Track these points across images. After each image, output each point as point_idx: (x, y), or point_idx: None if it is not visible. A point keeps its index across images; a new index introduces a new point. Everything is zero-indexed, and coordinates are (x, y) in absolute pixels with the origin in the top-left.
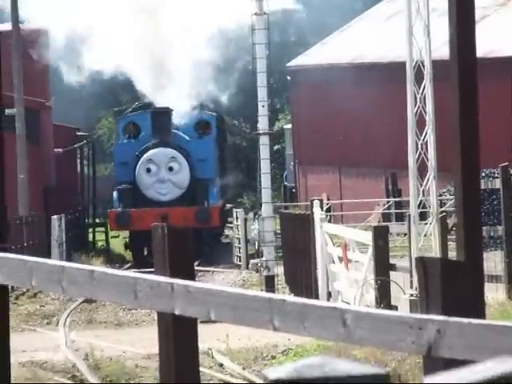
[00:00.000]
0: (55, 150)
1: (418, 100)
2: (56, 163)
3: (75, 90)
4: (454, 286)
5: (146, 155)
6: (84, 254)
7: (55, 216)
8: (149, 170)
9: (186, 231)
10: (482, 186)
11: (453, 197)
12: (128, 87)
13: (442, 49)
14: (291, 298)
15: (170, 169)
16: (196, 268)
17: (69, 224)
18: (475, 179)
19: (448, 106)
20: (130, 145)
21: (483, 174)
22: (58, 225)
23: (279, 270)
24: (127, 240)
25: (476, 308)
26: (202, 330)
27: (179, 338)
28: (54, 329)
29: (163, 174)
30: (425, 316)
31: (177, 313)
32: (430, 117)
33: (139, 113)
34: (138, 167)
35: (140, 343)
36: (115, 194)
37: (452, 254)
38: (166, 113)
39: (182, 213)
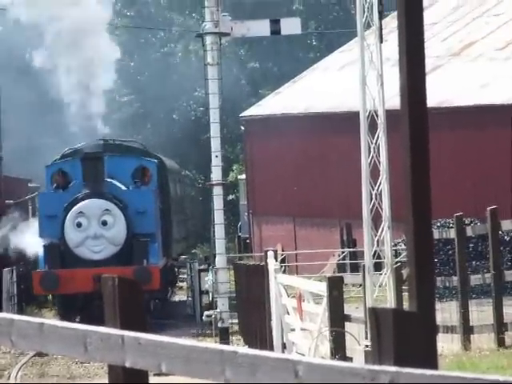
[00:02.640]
0: (6, 201)
1: (372, 150)
2: (8, 215)
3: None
4: (406, 337)
5: (75, 207)
6: (36, 307)
7: (6, 269)
8: (79, 225)
9: (138, 282)
10: (437, 236)
11: None
12: None
13: (395, 98)
14: (243, 349)
15: (104, 223)
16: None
17: (20, 276)
18: (427, 229)
19: (402, 156)
20: (58, 196)
21: (438, 224)
22: (9, 277)
23: (234, 322)
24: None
25: (429, 358)
26: (155, 381)
27: None
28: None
29: (95, 228)
30: (377, 367)
31: (127, 365)
32: (383, 166)
33: (69, 159)
34: (66, 221)
35: None
36: (41, 251)
37: (407, 305)
38: (99, 158)
39: (118, 273)
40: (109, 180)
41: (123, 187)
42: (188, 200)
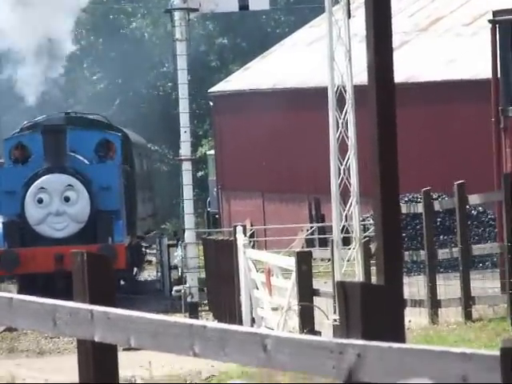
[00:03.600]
0: None
1: (340, 125)
2: None
3: None
4: (373, 310)
5: (36, 183)
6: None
7: None
8: (40, 201)
9: (107, 256)
10: (405, 211)
11: None
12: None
13: (363, 74)
14: (212, 323)
15: (66, 199)
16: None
17: None
18: (395, 204)
19: (370, 131)
20: (17, 170)
21: (406, 199)
22: None
23: (203, 296)
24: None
25: (396, 332)
26: (126, 356)
27: (99, 366)
28: None
29: (57, 205)
30: (345, 340)
31: (96, 340)
32: (352, 142)
33: (28, 132)
34: (26, 197)
35: (62, 371)
36: None
37: (375, 279)
38: (61, 132)
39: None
40: (71, 154)
41: (86, 161)
42: (156, 176)
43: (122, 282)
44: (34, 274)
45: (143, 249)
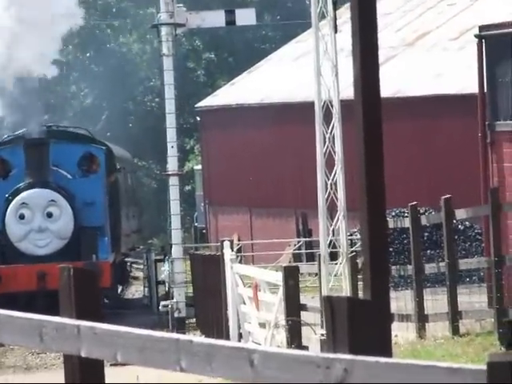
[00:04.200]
0: None
1: (327, 140)
2: None
3: None
4: (360, 325)
5: (17, 198)
6: None
7: None
8: (22, 217)
9: (93, 272)
10: (392, 226)
11: None
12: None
13: (350, 89)
14: (199, 338)
15: (49, 215)
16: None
17: None
18: (382, 218)
19: (356, 146)
20: None
21: (393, 214)
22: None
23: (190, 312)
24: None
25: (383, 347)
26: (113, 372)
27: (86, 381)
28: None
29: (40, 221)
30: (332, 355)
31: (83, 355)
32: (338, 156)
33: (9, 146)
34: (7, 213)
35: None
36: None
37: (362, 294)
38: (43, 145)
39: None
40: (54, 168)
41: (69, 176)
42: (141, 191)
43: (106, 301)
44: (15, 292)
45: (128, 266)
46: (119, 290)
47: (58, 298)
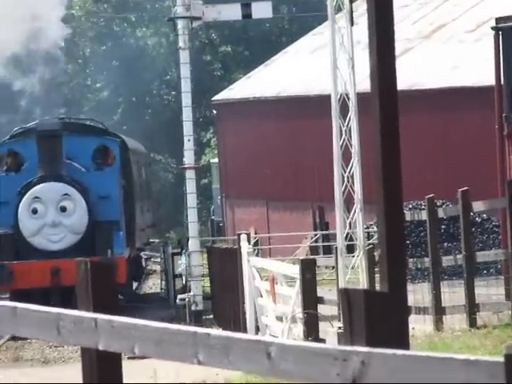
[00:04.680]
0: None
1: (344, 133)
2: None
3: None
4: (377, 318)
5: (30, 192)
6: None
7: None
8: (35, 211)
9: (110, 265)
10: (409, 218)
11: None
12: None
13: (366, 81)
14: (216, 331)
15: (63, 209)
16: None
17: None
18: (398, 211)
19: (373, 139)
20: (10, 179)
21: (410, 206)
22: None
23: (207, 305)
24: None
25: (400, 339)
26: (130, 364)
27: (103, 374)
28: None
29: (53, 215)
30: (349, 348)
31: (101, 348)
32: (355, 149)
33: (21, 138)
34: (20, 207)
35: (67, 380)
36: None
37: (379, 287)
38: (56, 137)
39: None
40: (67, 161)
41: (83, 169)
42: (158, 184)
43: (121, 297)
44: (29, 289)
45: (143, 261)
46: (134, 286)
47: (72, 294)
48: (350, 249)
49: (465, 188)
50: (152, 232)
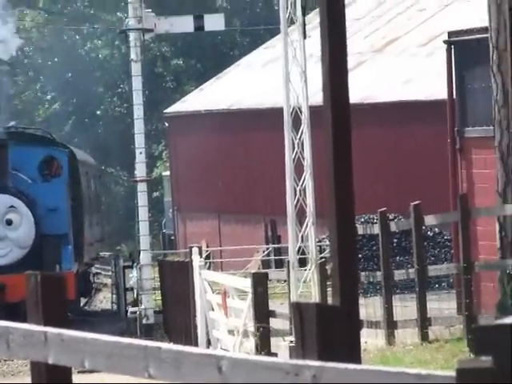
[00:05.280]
0: None
1: (296, 146)
2: None
3: None
4: (329, 331)
5: None
6: None
7: None
8: None
9: (60, 278)
10: (361, 232)
11: None
12: None
13: (319, 95)
14: (167, 345)
15: (9, 222)
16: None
17: None
18: (350, 224)
19: (325, 152)
20: None
21: (362, 220)
22: None
23: (159, 319)
24: None
25: (352, 353)
26: (80, 379)
27: None
28: None
29: None
30: (301, 362)
31: (50, 362)
32: (307, 162)
33: None
34: None
35: None
36: None
37: (331, 300)
38: (1, 147)
39: (25, 282)
40: (13, 172)
41: (30, 180)
42: (108, 197)
43: (69, 314)
44: None
45: (92, 276)
46: (82, 303)
47: (18, 311)
48: (302, 262)
49: (417, 202)
50: (101, 246)
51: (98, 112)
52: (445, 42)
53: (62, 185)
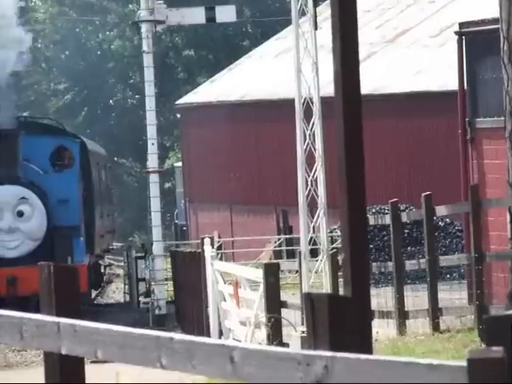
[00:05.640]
0: None
1: (308, 137)
2: None
3: None
4: (341, 322)
5: None
6: None
7: None
8: None
9: (73, 269)
10: (372, 222)
11: None
12: None
13: (330, 86)
14: (179, 335)
15: (20, 214)
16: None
17: None
18: (362, 215)
19: (337, 142)
20: None
21: (373, 210)
22: None
23: (171, 309)
24: None
25: (364, 343)
26: (93, 369)
27: (66, 378)
28: None
29: (10, 220)
30: (312, 352)
31: (63, 352)
32: (319, 153)
33: None
34: None
35: None
36: None
37: (343, 291)
38: (13, 137)
39: (37, 274)
40: (25, 162)
41: (41, 171)
42: (120, 188)
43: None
44: None
45: (103, 268)
46: (93, 295)
47: (28, 305)
48: (314, 253)
49: (428, 192)
50: (112, 238)
51: (111, 102)
52: (456, 33)
53: (74, 176)
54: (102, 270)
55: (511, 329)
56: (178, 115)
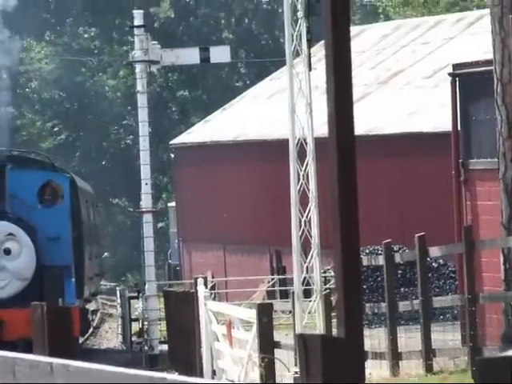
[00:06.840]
0: None
1: (301, 177)
2: None
3: None
4: (334, 363)
5: None
6: None
7: None
8: None
9: (66, 310)
10: (366, 263)
11: None
12: None
13: (324, 126)
14: (172, 376)
15: (7, 251)
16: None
17: None
18: (355, 256)
19: (330, 183)
20: None
21: (367, 251)
22: None
23: (164, 349)
24: None
25: None
26: None
27: None
28: None
29: None
30: None
31: None
32: (312, 194)
33: None
34: None
35: None
36: None
37: (336, 332)
38: (0, 171)
39: (25, 317)
40: (12, 197)
41: (29, 207)
42: (113, 227)
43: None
44: None
45: (90, 313)
46: (81, 341)
47: (16, 351)
48: (307, 293)
49: (421, 233)
50: (100, 281)
51: (104, 144)
52: (449, 74)
53: (65, 212)
54: (89, 315)
55: (503, 371)
56: (172, 155)
